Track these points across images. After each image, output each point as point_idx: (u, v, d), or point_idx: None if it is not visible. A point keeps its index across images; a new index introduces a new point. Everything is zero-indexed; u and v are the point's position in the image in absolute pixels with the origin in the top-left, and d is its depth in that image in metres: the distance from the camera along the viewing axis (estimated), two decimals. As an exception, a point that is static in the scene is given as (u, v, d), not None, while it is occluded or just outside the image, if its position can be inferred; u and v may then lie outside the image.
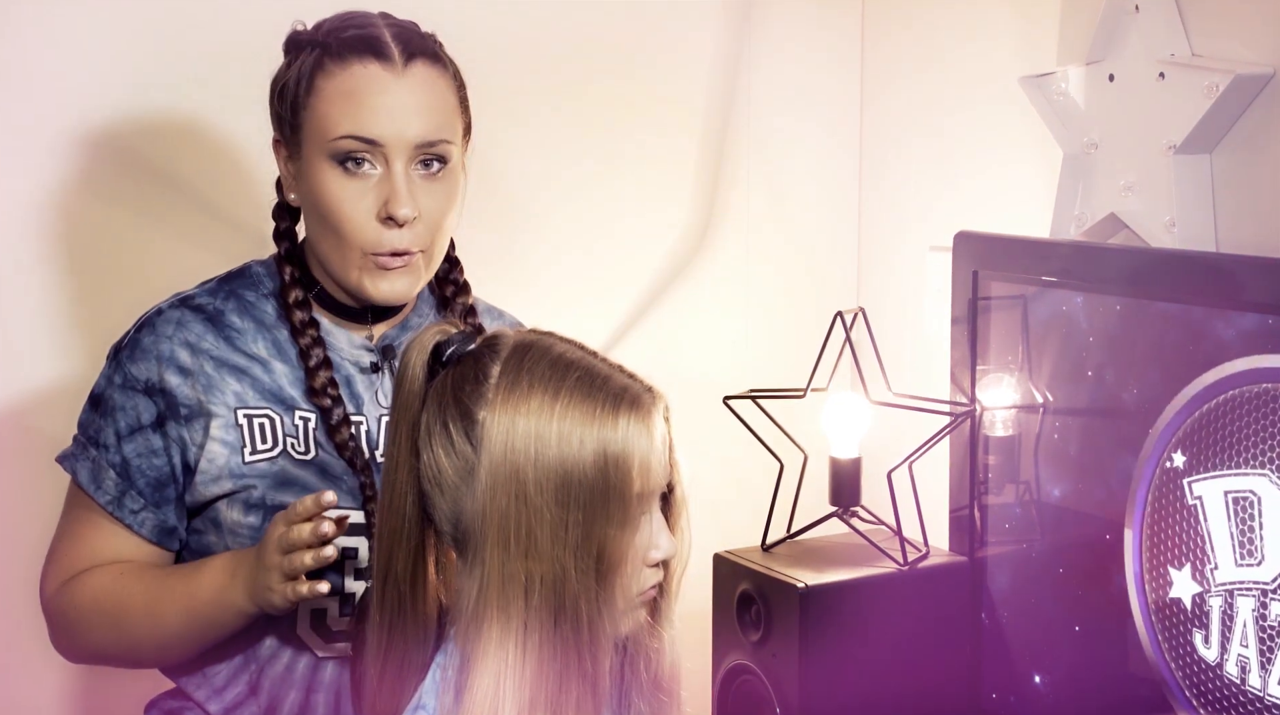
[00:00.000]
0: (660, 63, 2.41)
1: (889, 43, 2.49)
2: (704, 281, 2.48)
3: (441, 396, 1.39)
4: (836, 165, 2.56)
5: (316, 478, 1.76)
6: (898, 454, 1.98)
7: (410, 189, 1.71)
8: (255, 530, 1.74)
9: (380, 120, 1.70)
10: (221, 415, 1.74)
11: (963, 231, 2.04)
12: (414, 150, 1.71)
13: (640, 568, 1.40)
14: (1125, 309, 1.81)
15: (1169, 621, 1.67)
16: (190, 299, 1.79)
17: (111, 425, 1.74)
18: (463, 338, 1.43)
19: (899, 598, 1.95)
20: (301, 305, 1.78)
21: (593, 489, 1.35)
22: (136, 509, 1.73)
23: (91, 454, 1.75)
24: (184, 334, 1.75)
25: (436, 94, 1.74)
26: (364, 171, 1.71)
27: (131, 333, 1.77)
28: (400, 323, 1.84)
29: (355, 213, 1.71)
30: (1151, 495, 1.65)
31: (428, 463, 1.39)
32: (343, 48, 1.71)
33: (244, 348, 1.77)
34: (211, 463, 1.73)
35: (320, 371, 1.76)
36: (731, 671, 1.99)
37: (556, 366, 1.38)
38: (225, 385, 1.75)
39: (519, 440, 1.36)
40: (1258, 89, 1.82)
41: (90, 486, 1.74)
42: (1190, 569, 1.63)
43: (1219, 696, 1.59)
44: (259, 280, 1.82)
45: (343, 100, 1.70)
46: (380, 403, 1.81)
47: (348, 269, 1.74)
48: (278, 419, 1.76)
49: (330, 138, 1.70)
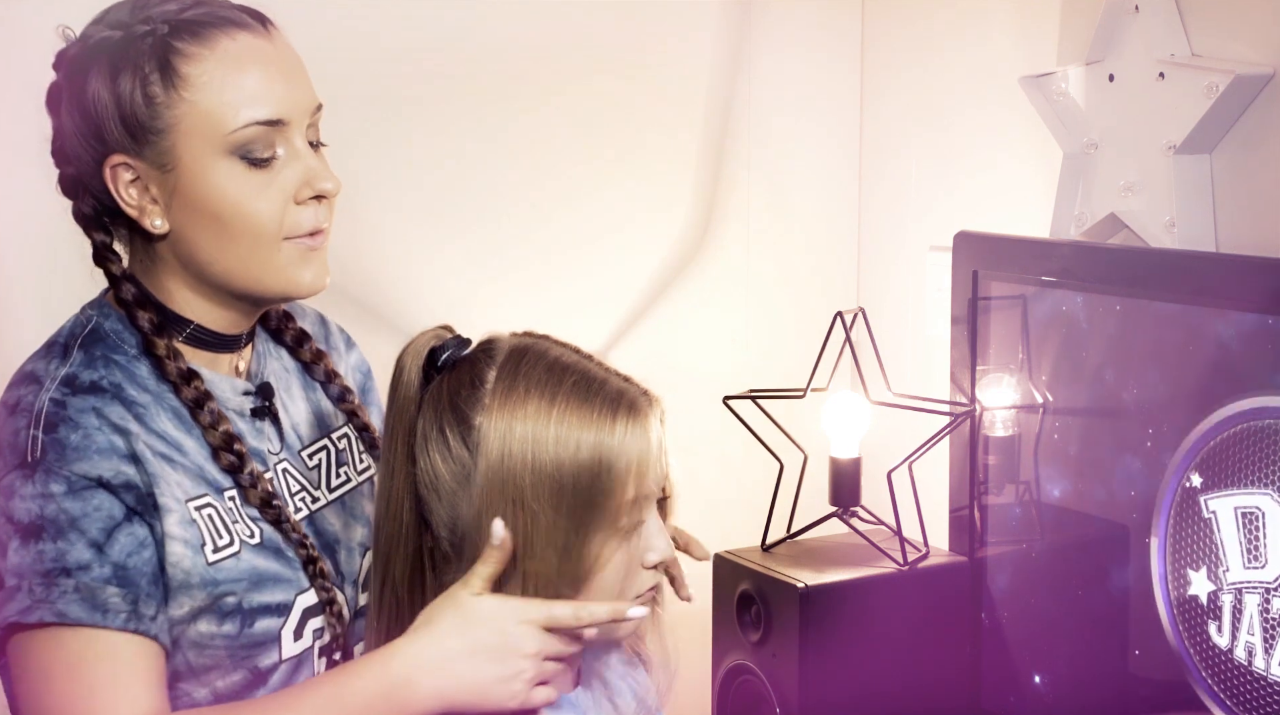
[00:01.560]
0: (660, 63, 2.41)
1: (889, 43, 2.49)
2: (704, 281, 2.48)
3: (438, 402, 1.39)
4: (836, 165, 2.56)
5: (276, 561, 1.53)
6: (898, 454, 1.98)
7: (321, 160, 1.51)
8: (231, 639, 1.49)
9: (277, 95, 1.47)
10: (174, 509, 1.46)
11: (963, 231, 2.04)
12: (307, 120, 1.51)
13: (638, 570, 1.40)
14: (1125, 309, 1.81)
15: (1188, 615, 1.75)
16: (75, 380, 1.46)
17: (80, 539, 1.40)
18: (458, 343, 1.42)
19: (899, 598, 1.95)
20: (173, 354, 1.50)
21: (589, 492, 1.35)
22: (153, 614, 1.42)
23: (68, 584, 1.39)
24: (108, 420, 1.44)
25: (297, 56, 1.53)
26: (272, 156, 1.48)
27: (40, 436, 1.42)
28: (254, 351, 1.62)
29: (270, 206, 1.48)
30: (1174, 509, 1.76)
31: (424, 469, 1.39)
32: (196, 26, 1.46)
33: (155, 427, 1.48)
34: (176, 566, 1.45)
35: (219, 426, 1.50)
36: (731, 671, 1.99)
37: (553, 371, 1.38)
38: (166, 474, 1.46)
39: (516, 444, 1.35)
40: (1258, 89, 1.82)
41: (93, 616, 1.39)
42: (1206, 571, 1.73)
43: (1231, 678, 1.70)
44: (119, 340, 1.51)
45: (229, 80, 1.45)
46: (271, 451, 1.58)
47: (268, 272, 1.50)
48: (218, 505, 1.49)
49: (228, 129, 1.45)
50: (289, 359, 1.68)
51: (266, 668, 1.53)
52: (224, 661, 1.50)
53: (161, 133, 1.46)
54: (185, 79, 1.45)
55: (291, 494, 1.60)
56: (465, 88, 2.24)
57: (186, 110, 1.45)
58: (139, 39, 1.45)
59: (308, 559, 1.54)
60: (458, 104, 2.23)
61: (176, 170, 1.46)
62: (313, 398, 1.68)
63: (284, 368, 1.66)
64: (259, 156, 1.47)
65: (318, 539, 1.59)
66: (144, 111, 1.45)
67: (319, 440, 1.66)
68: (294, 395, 1.66)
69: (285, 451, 1.61)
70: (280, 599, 1.53)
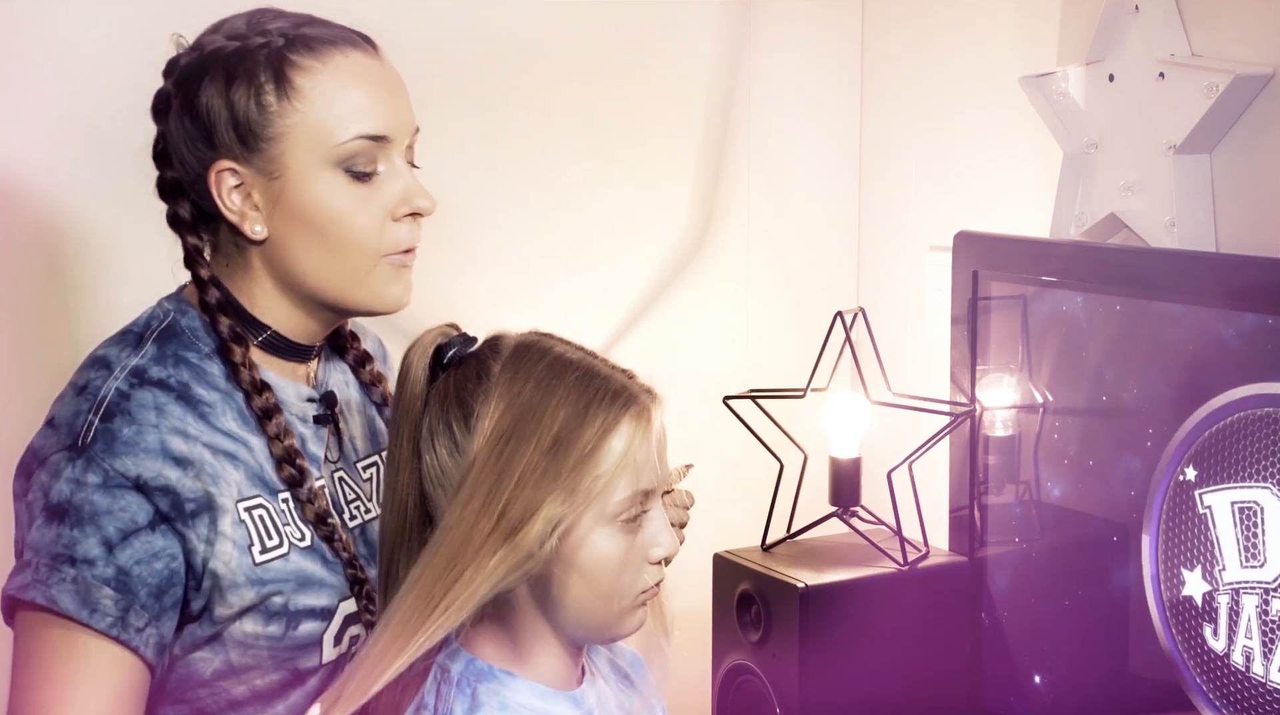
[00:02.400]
0: (660, 63, 2.41)
1: (889, 43, 2.49)
2: (704, 281, 2.48)
3: (444, 398, 1.40)
4: (836, 165, 2.56)
5: (323, 568, 1.56)
6: (898, 454, 1.98)
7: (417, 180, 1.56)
8: (276, 640, 1.52)
9: (386, 112, 1.52)
10: (229, 510, 1.49)
11: (963, 231, 2.04)
12: (409, 138, 1.57)
13: (642, 565, 1.41)
14: (1125, 309, 1.81)
15: (1182, 617, 1.72)
16: (145, 373, 1.51)
17: (95, 533, 1.43)
18: (463, 341, 1.43)
19: (899, 598, 1.95)
20: (250, 365, 1.54)
21: (577, 473, 1.36)
22: (141, 626, 1.44)
23: (70, 573, 1.42)
24: (168, 421, 1.48)
25: (400, 77, 1.58)
26: (374, 171, 1.52)
27: (96, 422, 1.47)
28: (320, 361, 1.66)
29: (371, 220, 1.52)
30: (1166, 505, 1.73)
31: (430, 464, 1.39)
32: (312, 41, 1.51)
33: (220, 426, 1.51)
34: (225, 566, 1.48)
35: (284, 440, 1.54)
36: (731, 671, 1.99)
37: (555, 366, 1.39)
38: (227, 473, 1.50)
39: (512, 422, 1.37)
40: (1258, 89, 1.82)
41: (81, 611, 1.42)
42: (1201, 570, 1.70)
43: (1226, 683, 1.67)
44: (195, 337, 1.55)
45: (342, 95, 1.50)
46: (330, 459, 1.63)
47: (361, 284, 1.54)
48: (270, 507, 1.53)
49: (337, 141, 1.50)
50: (350, 376, 1.72)
51: (307, 670, 1.56)
52: (266, 662, 1.53)
53: (271, 140, 1.49)
54: (299, 90, 1.49)
55: (347, 501, 1.63)
56: (466, 88, 2.24)
57: (298, 120, 1.49)
58: (255, 50, 1.50)
59: (354, 578, 1.57)
60: (458, 104, 2.23)
61: (282, 178, 1.50)
62: (368, 414, 1.72)
63: (345, 382, 1.70)
64: (362, 170, 1.51)
65: (367, 548, 1.63)
66: (257, 119, 1.49)
67: (372, 456, 1.69)
68: (353, 409, 1.70)
69: (343, 461, 1.65)
70: (325, 603, 1.55)
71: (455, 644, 1.42)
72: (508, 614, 1.40)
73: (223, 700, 1.53)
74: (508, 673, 1.40)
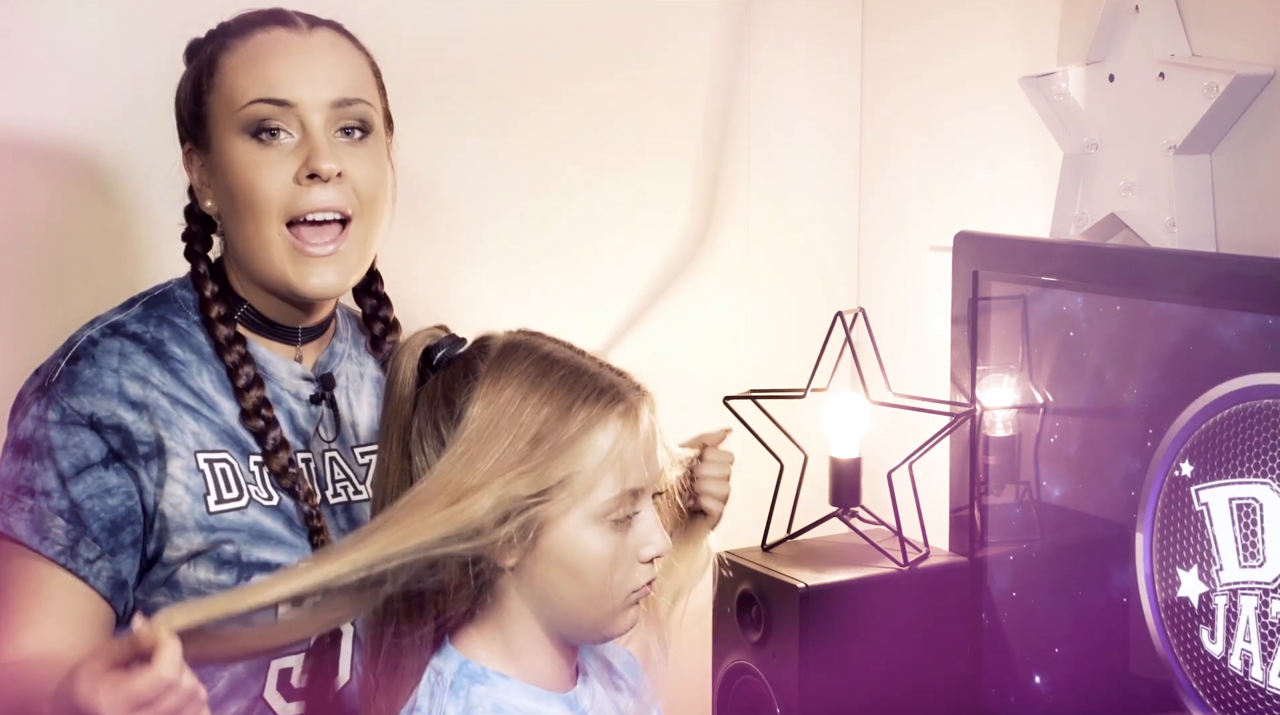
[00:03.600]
0: (660, 63, 2.41)
1: (889, 43, 2.49)
2: (704, 281, 2.48)
3: (432, 398, 1.39)
4: (836, 165, 2.56)
5: (286, 528, 1.60)
6: (898, 454, 1.98)
7: (332, 147, 1.58)
8: (227, 589, 1.55)
9: (290, 80, 1.57)
10: (182, 456, 1.56)
11: (963, 231, 2.04)
12: (331, 111, 1.58)
13: (634, 564, 1.40)
14: (1125, 309, 1.81)
15: (1177, 619, 1.71)
16: (122, 326, 1.60)
17: (51, 467, 1.51)
18: (452, 341, 1.43)
19: (899, 598, 1.95)
20: (225, 320, 1.61)
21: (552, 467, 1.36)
22: (92, 558, 1.51)
23: (27, 503, 1.51)
24: (129, 366, 1.56)
25: (347, 56, 1.62)
26: (279, 142, 1.57)
27: (63, 365, 1.56)
28: (328, 348, 1.71)
29: (272, 179, 1.56)
30: (1161, 501, 1.71)
31: (419, 465, 1.39)
32: (243, 25, 1.60)
33: (190, 383, 1.59)
34: (175, 509, 1.54)
35: (251, 391, 1.60)
36: (731, 671, 1.99)
37: (541, 364, 1.39)
38: (183, 423, 1.57)
39: (495, 416, 1.37)
40: (1258, 89, 1.82)
41: (33, 538, 1.50)
42: (1197, 570, 1.68)
43: (1224, 689, 1.64)
44: (186, 305, 1.64)
45: (248, 66, 1.57)
46: (324, 437, 1.67)
47: (271, 257, 1.58)
48: (236, 464, 1.59)
49: (238, 107, 1.56)
50: (373, 369, 1.75)
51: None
52: None
53: (203, 119, 1.60)
54: (218, 67, 1.59)
55: (334, 480, 1.67)
56: (465, 88, 2.24)
57: (216, 96, 1.59)
58: (210, 39, 1.62)
59: (314, 530, 1.61)
60: (458, 104, 2.23)
61: (210, 152, 1.60)
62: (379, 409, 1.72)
63: (360, 373, 1.73)
64: (265, 130, 1.57)
65: (350, 525, 1.66)
66: (193, 100, 1.61)
67: (373, 445, 1.71)
68: (362, 401, 1.73)
69: (338, 442, 1.69)
70: (281, 560, 1.59)
71: (449, 645, 1.41)
72: (500, 615, 1.40)
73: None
74: (501, 674, 1.40)
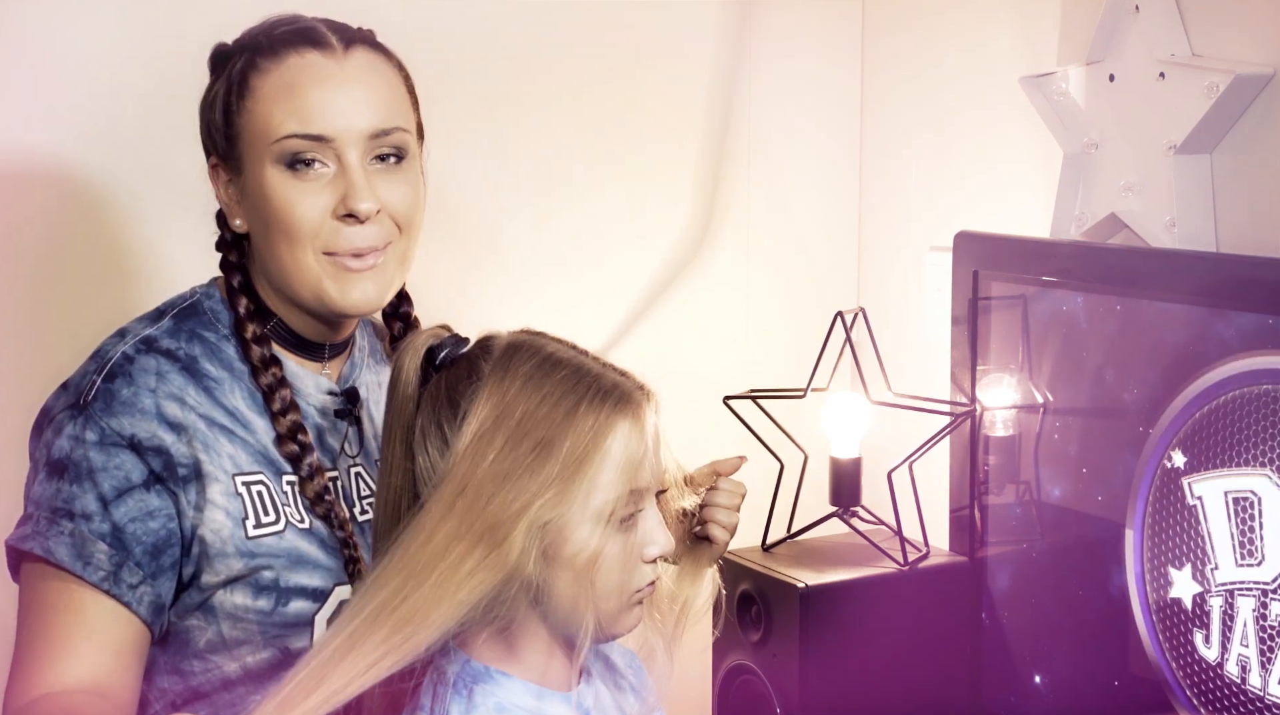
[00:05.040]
0: (660, 63, 2.41)
1: (889, 43, 2.49)
2: (704, 281, 2.48)
3: (435, 398, 1.39)
4: (836, 165, 2.56)
5: (321, 551, 1.59)
6: (898, 454, 1.98)
7: (369, 181, 1.56)
8: (265, 615, 1.55)
9: (326, 113, 1.54)
10: (220, 480, 1.54)
11: (963, 231, 2.04)
12: (367, 142, 1.56)
13: (637, 564, 1.40)
14: (1125, 309, 1.81)
15: (1170, 621, 1.68)
16: (155, 342, 1.57)
17: (92, 489, 1.49)
18: (455, 341, 1.43)
19: (899, 598, 1.95)
20: (260, 341, 1.60)
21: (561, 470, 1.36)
22: (135, 583, 1.49)
23: (67, 527, 1.48)
24: (166, 386, 1.54)
25: (383, 79, 1.59)
26: (315, 172, 1.55)
27: (99, 382, 1.53)
28: (349, 360, 1.70)
29: (309, 213, 1.54)
30: (1152, 495, 1.67)
31: (423, 465, 1.39)
32: (275, 43, 1.56)
33: (224, 402, 1.57)
34: (216, 535, 1.53)
35: (288, 415, 1.58)
36: (731, 671, 1.99)
37: (544, 364, 1.38)
38: (220, 446, 1.55)
39: (499, 416, 1.36)
40: (1258, 89, 1.82)
41: (75, 564, 1.47)
42: (1190, 569, 1.65)
43: (1219, 696, 1.61)
44: (215, 318, 1.61)
45: (282, 96, 1.54)
46: (349, 453, 1.66)
47: (306, 279, 1.57)
48: (271, 485, 1.57)
49: (272, 139, 1.54)
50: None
51: (297, 650, 1.58)
52: (256, 637, 1.56)
53: (234, 139, 1.57)
54: (252, 91, 1.56)
55: (360, 496, 1.66)
56: (466, 88, 2.24)
57: (249, 120, 1.56)
58: (238, 53, 1.58)
59: (350, 558, 1.60)
60: (458, 104, 2.23)
61: (242, 174, 1.58)
62: None
63: (378, 382, 1.72)
64: (300, 163, 1.54)
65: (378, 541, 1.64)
66: (222, 119, 1.58)
67: None
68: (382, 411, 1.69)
69: (363, 457, 1.69)
70: (318, 584, 1.58)
71: (451, 645, 1.41)
72: (503, 614, 1.40)
73: (215, 678, 1.56)
74: (503, 673, 1.40)
